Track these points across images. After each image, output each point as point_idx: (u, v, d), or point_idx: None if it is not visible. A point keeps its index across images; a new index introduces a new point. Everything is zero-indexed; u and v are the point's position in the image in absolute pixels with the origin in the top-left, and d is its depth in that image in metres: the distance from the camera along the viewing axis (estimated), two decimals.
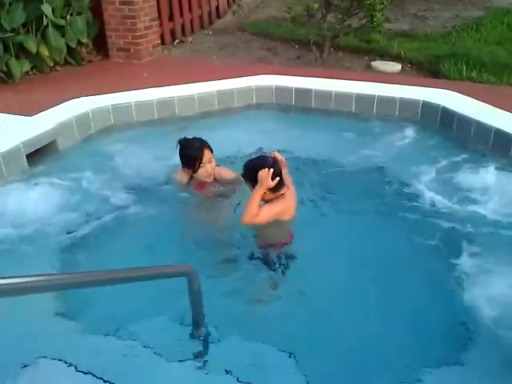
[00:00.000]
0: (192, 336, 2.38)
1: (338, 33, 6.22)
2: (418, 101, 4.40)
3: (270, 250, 2.82)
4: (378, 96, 4.50)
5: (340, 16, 6.06)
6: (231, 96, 4.75)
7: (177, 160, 3.27)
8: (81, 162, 3.91)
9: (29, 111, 4.29)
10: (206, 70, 5.72)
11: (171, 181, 3.39)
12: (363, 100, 4.56)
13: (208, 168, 3.12)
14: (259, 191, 2.63)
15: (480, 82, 5.60)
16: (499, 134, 3.81)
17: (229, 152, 3.96)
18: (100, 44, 6.43)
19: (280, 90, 4.79)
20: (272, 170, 2.62)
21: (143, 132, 4.42)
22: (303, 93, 4.72)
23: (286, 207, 2.80)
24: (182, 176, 3.27)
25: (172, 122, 4.56)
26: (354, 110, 4.60)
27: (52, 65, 5.93)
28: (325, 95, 4.65)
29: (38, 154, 3.83)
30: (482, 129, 3.94)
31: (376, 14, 5.44)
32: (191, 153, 3.09)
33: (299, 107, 4.76)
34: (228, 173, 3.34)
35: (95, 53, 6.45)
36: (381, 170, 3.96)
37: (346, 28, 6.17)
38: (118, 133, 4.38)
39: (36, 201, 3.37)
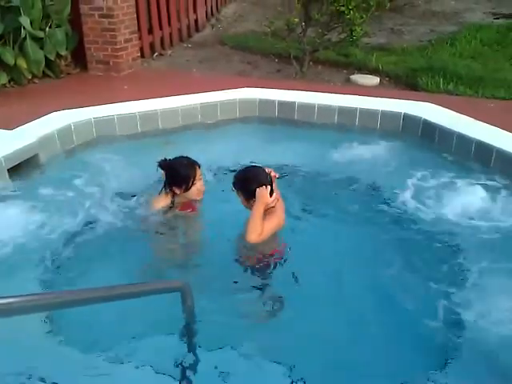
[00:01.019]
0: (185, 351, 2.35)
1: (317, 47, 6.31)
2: (400, 113, 4.47)
3: (262, 262, 2.82)
4: (360, 109, 4.56)
5: (320, 30, 6.14)
6: (215, 109, 4.75)
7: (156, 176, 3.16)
8: (63, 177, 3.82)
9: (8, 125, 4.20)
10: (187, 84, 5.72)
11: (150, 212, 3.11)
12: (345, 113, 4.61)
13: (199, 185, 3.00)
14: (260, 209, 2.66)
15: (457, 95, 5.74)
16: (480, 145, 3.89)
17: (213, 165, 3.95)
18: (78, 56, 6.37)
19: (264, 103, 4.81)
20: (269, 187, 2.67)
21: (126, 145, 4.36)
22: (287, 106, 4.75)
23: (278, 220, 2.82)
24: (161, 201, 3.05)
25: (155, 135, 4.53)
26: (336, 122, 4.64)
27: (30, 77, 5.84)
28: (308, 108, 4.68)
29: (20, 168, 3.75)
30: (463, 141, 4.02)
31: (356, 29, 5.54)
32: (184, 171, 2.94)
33: (283, 120, 4.78)
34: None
35: (73, 65, 6.38)
36: (363, 182, 3.99)
37: (325, 42, 6.26)
38: (100, 146, 4.31)
39: (18, 216, 3.30)
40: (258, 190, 2.68)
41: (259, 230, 2.64)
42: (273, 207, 2.77)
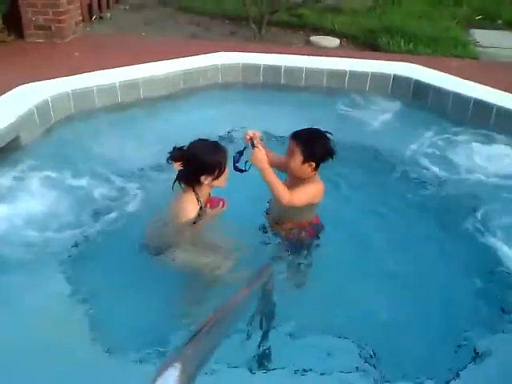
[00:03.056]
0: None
1: (277, 7, 6.07)
2: (389, 75, 4.42)
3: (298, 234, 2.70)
4: (350, 71, 4.45)
5: None
6: (197, 75, 4.41)
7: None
8: (48, 158, 3.39)
9: None
10: (144, 49, 5.30)
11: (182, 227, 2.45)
12: (335, 76, 4.48)
13: (227, 170, 2.48)
14: None
15: (418, 54, 5.82)
16: (479, 103, 3.97)
17: (199, 134, 3.68)
18: (11, 22, 5.61)
19: (248, 67, 4.54)
20: None
21: (108, 118, 3.95)
22: (272, 70, 4.52)
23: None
24: (191, 205, 2.43)
25: (137, 105, 4.14)
26: (325, 85, 4.50)
27: None
28: (295, 72, 4.49)
29: (1, 153, 3.26)
30: (460, 99, 4.06)
31: None
32: (216, 157, 2.39)
33: (268, 85, 4.55)
34: None
35: (7, 32, 5.63)
36: (362, 145, 3.95)
37: (285, 2, 6.04)
38: (80, 121, 3.87)
39: (7, 206, 2.91)
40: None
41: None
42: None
